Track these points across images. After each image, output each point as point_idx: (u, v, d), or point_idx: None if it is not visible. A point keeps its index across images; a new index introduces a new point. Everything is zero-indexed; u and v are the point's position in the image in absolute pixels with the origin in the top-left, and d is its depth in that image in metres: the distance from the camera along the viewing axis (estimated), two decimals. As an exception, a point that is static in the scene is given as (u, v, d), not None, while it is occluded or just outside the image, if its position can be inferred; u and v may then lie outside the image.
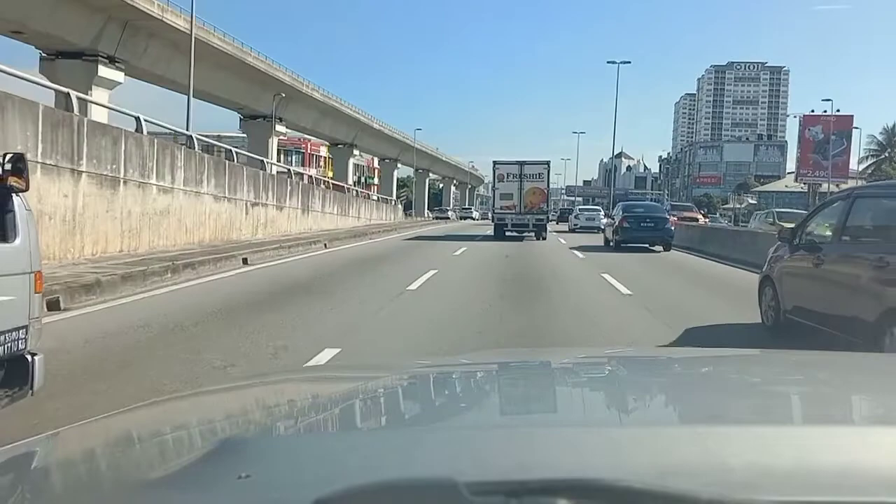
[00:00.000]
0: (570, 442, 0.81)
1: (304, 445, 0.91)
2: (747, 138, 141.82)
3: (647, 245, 18.92)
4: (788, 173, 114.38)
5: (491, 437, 0.86)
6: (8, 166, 3.27)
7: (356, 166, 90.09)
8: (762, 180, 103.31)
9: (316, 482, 0.67)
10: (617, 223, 19.80)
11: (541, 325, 6.56)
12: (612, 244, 19.74)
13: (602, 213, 32.93)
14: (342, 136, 62.39)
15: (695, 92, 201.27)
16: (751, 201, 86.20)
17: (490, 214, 28.59)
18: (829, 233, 5.85)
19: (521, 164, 24.70)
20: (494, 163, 25.04)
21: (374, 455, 0.79)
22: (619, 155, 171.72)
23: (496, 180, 25.01)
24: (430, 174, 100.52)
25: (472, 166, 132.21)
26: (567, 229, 32.79)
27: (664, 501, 0.58)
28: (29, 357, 3.33)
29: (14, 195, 3.29)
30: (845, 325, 5.05)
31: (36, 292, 3.46)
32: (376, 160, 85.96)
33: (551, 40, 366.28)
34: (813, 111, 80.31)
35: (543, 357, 1.92)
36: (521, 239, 23.05)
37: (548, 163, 25.31)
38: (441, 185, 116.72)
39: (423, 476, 0.65)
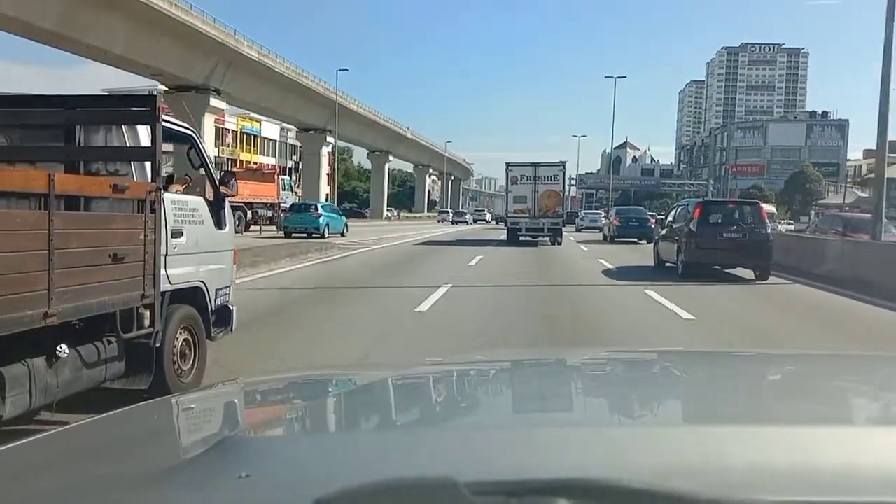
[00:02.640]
0: (571, 442, 0.88)
1: (304, 445, 0.99)
2: (795, 116, 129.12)
3: (634, 240, 27.83)
4: (848, 161, 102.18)
5: (491, 437, 0.93)
6: (220, 179, 5.26)
7: (293, 148, 70.46)
8: (819, 168, 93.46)
9: (316, 482, 0.73)
10: (611, 223, 29.49)
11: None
12: (607, 239, 29.07)
13: (603, 215, 40.23)
14: (177, 70, 36.54)
15: (703, 79, 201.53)
16: (861, 194, 69.51)
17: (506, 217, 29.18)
18: (671, 220, 15.62)
19: (536, 165, 25.86)
20: (507, 164, 26.20)
21: (374, 455, 0.87)
22: (624, 145, 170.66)
23: (509, 182, 26.05)
24: (391, 157, 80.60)
25: (464, 160, 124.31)
26: (574, 229, 41.44)
27: (664, 501, 0.64)
28: (231, 307, 5.33)
29: (225, 199, 5.30)
30: (671, 259, 14.64)
31: (233, 263, 5.38)
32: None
33: (549, 31, 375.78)
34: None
35: (543, 357, 2.13)
36: (535, 244, 24.67)
37: (563, 164, 26.78)
38: (415, 175, 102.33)
39: (423, 476, 0.71)
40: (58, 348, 3.64)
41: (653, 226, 28.41)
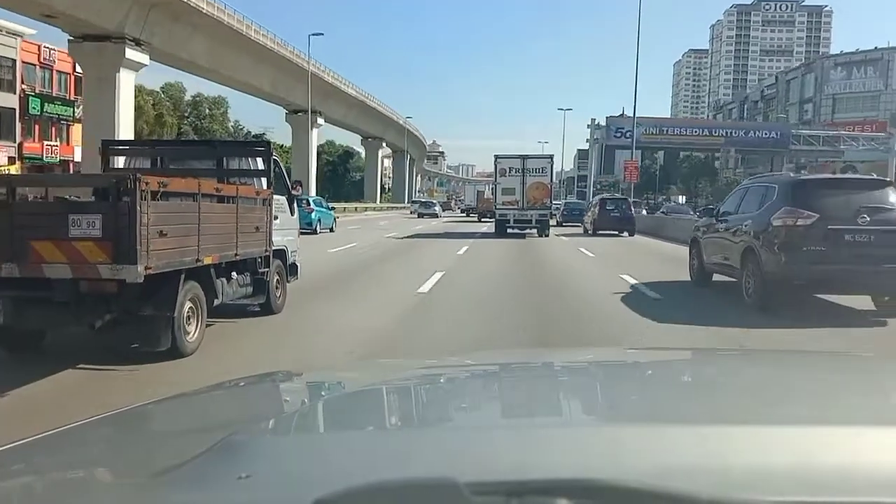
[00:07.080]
0: (570, 442, 1.02)
1: (304, 445, 1.13)
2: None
3: (576, 224, 39.68)
4: None
5: (491, 437, 1.07)
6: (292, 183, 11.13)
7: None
8: None
9: (316, 482, 0.83)
10: (560, 212, 46.50)
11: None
12: (559, 224, 42.36)
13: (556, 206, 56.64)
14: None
15: (703, 47, 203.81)
16: None
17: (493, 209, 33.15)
18: (588, 208, 35.75)
19: (524, 158, 30.82)
20: (496, 156, 30.91)
21: (374, 455, 1.00)
22: (621, 116, 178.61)
23: (497, 175, 30.71)
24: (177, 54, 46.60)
25: (432, 143, 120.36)
26: None
27: (664, 501, 0.73)
28: (298, 263, 11.01)
29: (294, 196, 11.21)
30: (590, 228, 34.17)
31: (298, 237, 11.28)
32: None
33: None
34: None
35: (543, 357, 2.40)
36: (522, 236, 28.61)
37: (551, 157, 32.17)
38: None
39: (423, 476, 0.81)
40: (232, 274, 8.00)
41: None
